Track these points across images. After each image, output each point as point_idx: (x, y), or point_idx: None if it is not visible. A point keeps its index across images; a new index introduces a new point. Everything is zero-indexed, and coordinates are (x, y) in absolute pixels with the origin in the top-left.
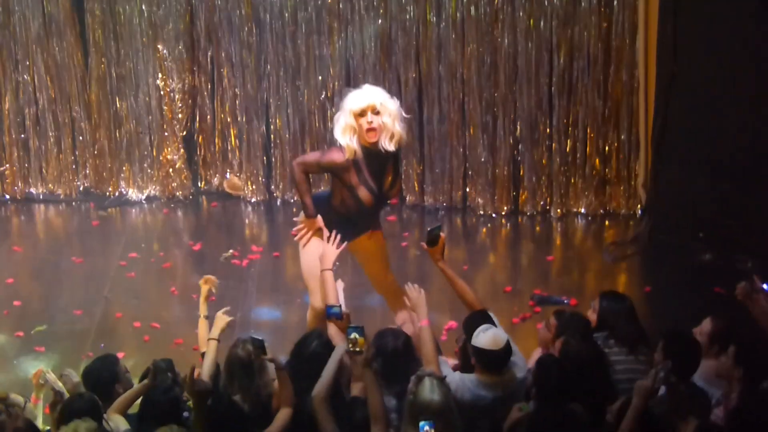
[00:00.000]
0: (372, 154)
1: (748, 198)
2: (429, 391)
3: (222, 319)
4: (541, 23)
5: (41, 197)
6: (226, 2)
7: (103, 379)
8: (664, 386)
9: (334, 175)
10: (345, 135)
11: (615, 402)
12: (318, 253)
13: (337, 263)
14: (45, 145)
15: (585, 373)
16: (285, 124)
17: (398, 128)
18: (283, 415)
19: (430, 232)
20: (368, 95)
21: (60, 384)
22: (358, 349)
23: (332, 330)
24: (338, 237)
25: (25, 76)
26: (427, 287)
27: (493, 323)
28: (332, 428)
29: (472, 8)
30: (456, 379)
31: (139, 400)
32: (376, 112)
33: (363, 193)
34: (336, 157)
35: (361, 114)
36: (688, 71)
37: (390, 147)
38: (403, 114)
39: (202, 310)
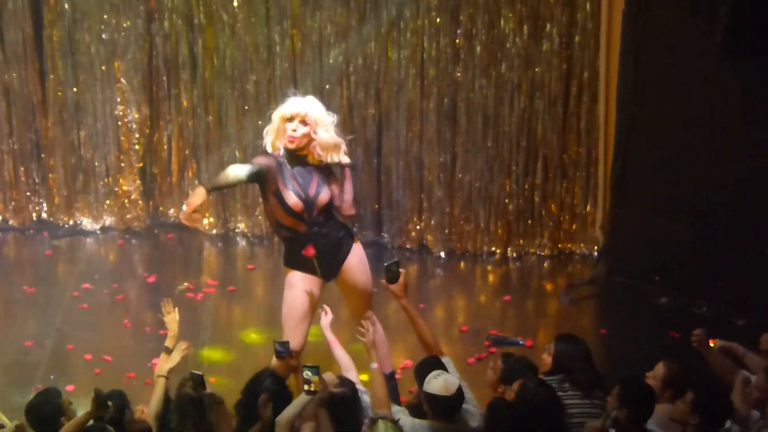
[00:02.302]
0: (296, 158)
1: (705, 242)
2: None
3: (173, 358)
4: (503, 64)
5: None
6: (184, 34)
7: (47, 413)
8: (614, 430)
9: (261, 186)
10: (268, 136)
11: None
12: (303, 293)
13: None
14: (0, 172)
15: (540, 416)
16: (244, 157)
17: (334, 140)
18: None
19: (388, 267)
20: (301, 104)
21: (4, 418)
22: (312, 388)
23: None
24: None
25: None
26: (382, 325)
27: (446, 369)
28: None
29: (434, 46)
30: (407, 424)
31: None
32: (304, 123)
33: (290, 198)
34: (261, 159)
35: (289, 119)
36: (648, 114)
37: (328, 159)
38: (335, 131)
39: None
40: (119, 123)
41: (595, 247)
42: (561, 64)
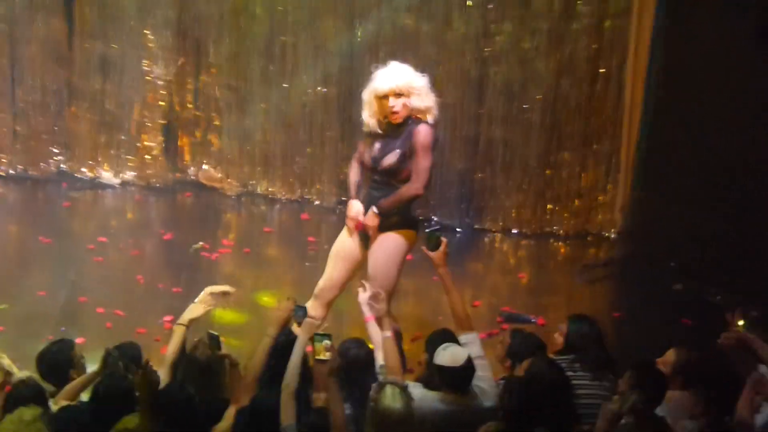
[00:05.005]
0: (391, 126)
1: (723, 231)
2: (390, 399)
3: (196, 308)
4: (532, 41)
5: (14, 174)
6: None
7: (58, 363)
8: (631, 414)
9: None
10: (371, 119)
11: (577, 427)
12: (350, 237)
13: None
14: (23, 122)
15: (549, 395)
16: (268, 119)
17: (425, 105)
18: (231, 412)
19: (429, 234)
20: (391, 79)
21: (14, 368)
22: (324, 357)
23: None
24: None
25: (8, 50)
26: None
27: (457, 342)
28: (293, 421)
29: (463, 21)
30: (418, 394)
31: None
32: (398, 95)
33: (366, 149)
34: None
35: (384, 97)
36: (675, 98)
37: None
38: (429, 90)
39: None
40: (146, 78)
41: (614, 230)
42: (590, 44)
